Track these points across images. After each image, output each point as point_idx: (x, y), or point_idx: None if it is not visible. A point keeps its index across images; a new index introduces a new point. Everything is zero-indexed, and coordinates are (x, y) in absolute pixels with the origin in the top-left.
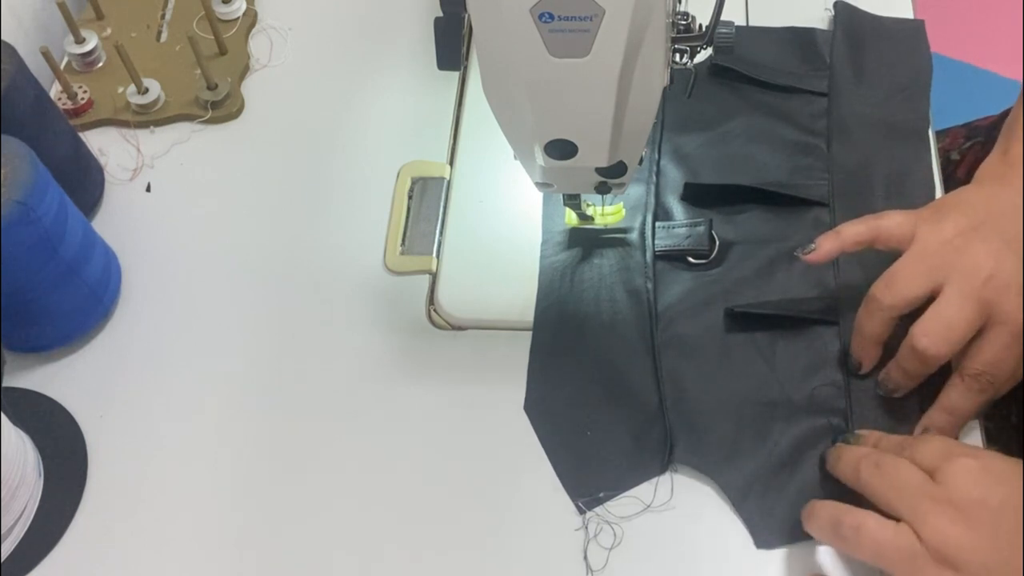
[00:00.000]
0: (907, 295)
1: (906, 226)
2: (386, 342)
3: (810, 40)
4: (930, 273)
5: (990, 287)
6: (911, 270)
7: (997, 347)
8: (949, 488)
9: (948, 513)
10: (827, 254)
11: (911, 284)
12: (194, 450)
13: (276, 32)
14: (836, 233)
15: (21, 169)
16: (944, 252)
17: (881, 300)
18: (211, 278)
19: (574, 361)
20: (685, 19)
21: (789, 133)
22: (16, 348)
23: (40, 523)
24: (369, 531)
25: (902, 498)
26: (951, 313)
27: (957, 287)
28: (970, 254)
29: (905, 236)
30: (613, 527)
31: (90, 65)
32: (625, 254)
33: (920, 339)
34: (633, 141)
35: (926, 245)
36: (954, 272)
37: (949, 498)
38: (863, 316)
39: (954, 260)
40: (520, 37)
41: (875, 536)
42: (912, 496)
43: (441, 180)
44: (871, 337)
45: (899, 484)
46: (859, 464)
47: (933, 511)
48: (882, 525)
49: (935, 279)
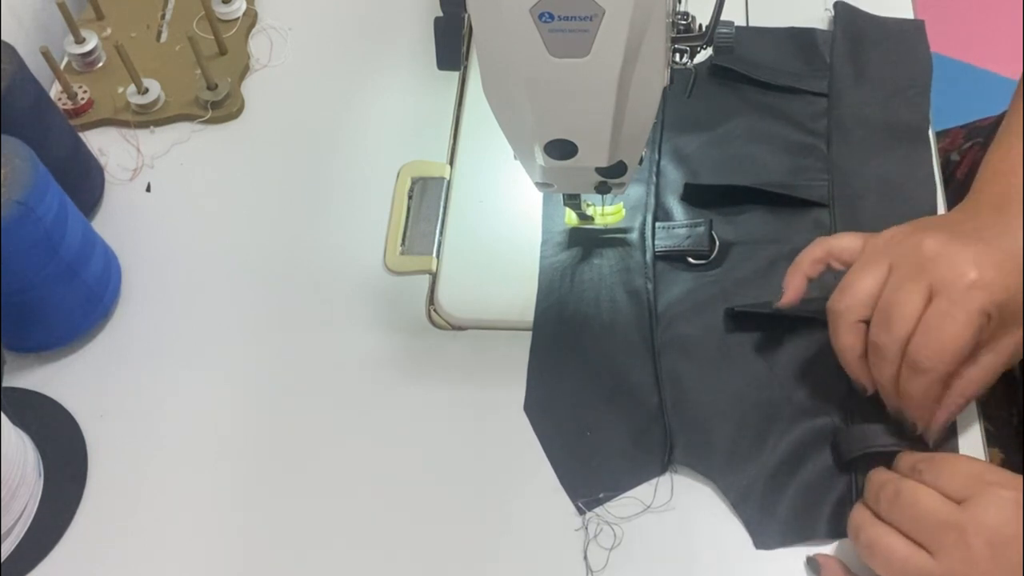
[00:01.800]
0: (858, 294)
1: (855, 242)
2: (386, 342)
3: (810, 40)
4: (877, 268)
5: (932, 265)
6: (860, 271)
7: (933, 318)
8: (978, 521)
9: (975, 546)
10: (796, 290)
11: (861, 283)
12: (194, 450)
13: (276, 32)
14: (795, 265)
15: (21, 169)
16: (888, 247)
17: (836, 307)
18: (211, 278)
19: (574, 361)
20: (685, 19)
21: (789, 134)
22: (16, 348)
23: (40, 523)
24: (369, 531)
25: (923, 529)
26: (891, 296)
27: (898, 272)
28: (911, 240)
29: (855, 249)
30: (613, 528)
31: (90, 65)
32: (625, 254)
33: (872, 333)
34: (633, 141)
35: (873, 247)
36: (896, 259)
37: (977, 531)
38: (831, 333)
39: (897, 250)
40: (520, 37)
41: (891, 551)
42: (935, 527)
43: (441, 180)
44: (849, 351)
45: (920, 515)
46: (879, 493)
47: (959, 544)
48: (902, 543)
49: (882, 272)
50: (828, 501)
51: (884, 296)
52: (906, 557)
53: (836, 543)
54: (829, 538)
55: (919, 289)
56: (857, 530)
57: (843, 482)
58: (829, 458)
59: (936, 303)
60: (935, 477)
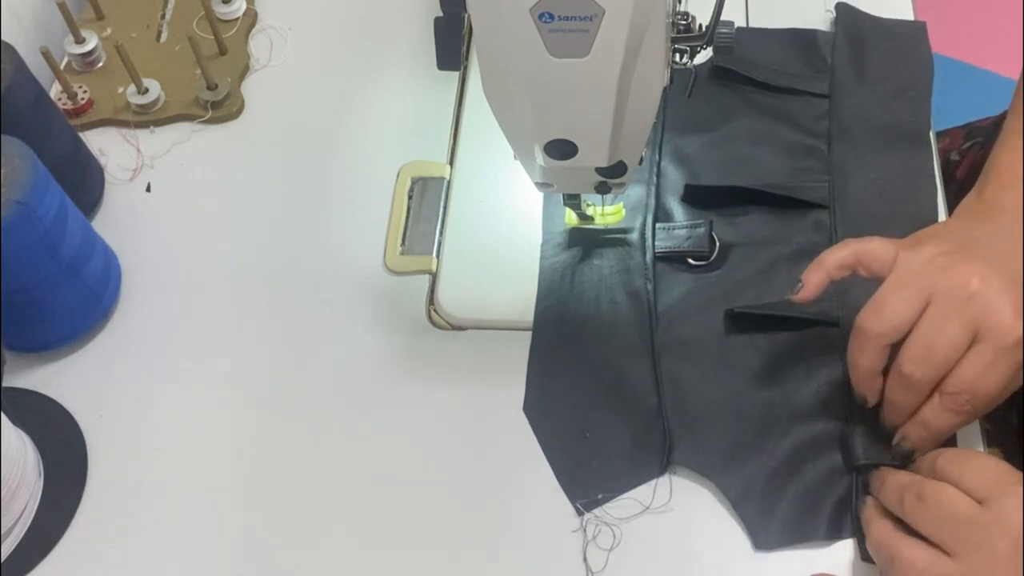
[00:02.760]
0: (894, 320)
1: (888, 250)
2: (386, 342)
3: (811, 41)
4: (916, 295)
5: (974, 304)
6: (896, 295)
7: (978, 366)
8: (1003, 524)
9: (999, 546)
10: (815, 287)
11: (897, 308)
12: (194, 450)
13: (276, 32)
14: (819, 263)
15: (21, 169)
16: (927, 272)
17: (869, 330)
18: (211, 278)
19: (574, 362)
20: (685, 19)
21: (790, 135)
22: (16, 348)
23: (40, 523)
24: (368, 531)
25: (947, 531)
26: (933, 333)
27: (940, 307)
28: (954, 273)
29: (887, 260)
30: (612, 528)
31: (90, 65)
32: (625, 255)
33: (905, 364)
34: (633, 141)
35: (909, 267)
36: (938, 291)
37: (1003, 531)
38: (854, 350)
39: (937, 279)
40: (520, 37)
41: (913, 562)
42: (960, 529)
43: (441, 180)
44: (867, 371)
45: (945, 516)
46: (902, 495)
47: (983, 544)
48: (922, 551)
49: (920, 300)
50: (828, 502)
51: (924, 330)
52: (928, 564)
53: (835, 544)
54: (828, 539)
55: (963, 332)
56: (879, 546)
57: (843, 483)
58: (829, 459)
59: (982, 351)
60: (958, 477)
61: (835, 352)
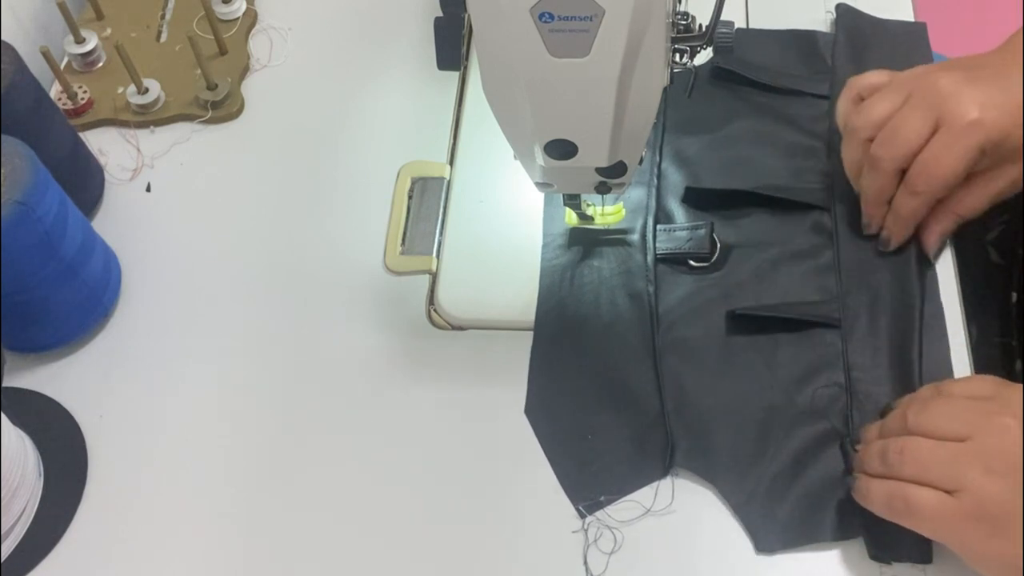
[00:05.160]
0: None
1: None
2: (386, 342)
3: (811, 43)
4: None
5: (942, 99)
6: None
7: (935, 147)
8: (988, 453)
9: (990, 472)
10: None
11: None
12: (194, 450)
13: (276, 32)
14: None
15: (21, 169)
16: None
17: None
18: (211, 278)
19: (575, 364)
20: (685, 19)
21: (790, 136)
22: (16, 348)
23: (40, 523)
24: (368, 531)
25: (935, 469)
26: (898, 121)
27: (913, 102)
28: (932, 77)
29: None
30: (613, 531)
31: (90, 65)
32: (626, 257)
33: (874, 147)
34: (633, 141)
35: (899, 79)
36: (915, 91)
37: (989, 460)
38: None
39: (917, 83)
40: (520, 37)
41: (920, 503)
42: (948, 465)
43: (441, 180)
44: (855, 164)
45: (931, 460)
46: (884, 455)
47: (971, 470)
48: (928, 493)
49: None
50: (830, 505)
51: (894, 120)
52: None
53: (838, 547)
54: (831, 542)
55: (926, 119)
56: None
57: (845, 486)
58: (831, 462)
59: (939, 135)
60: (934, 428)
61: (836, 353)
